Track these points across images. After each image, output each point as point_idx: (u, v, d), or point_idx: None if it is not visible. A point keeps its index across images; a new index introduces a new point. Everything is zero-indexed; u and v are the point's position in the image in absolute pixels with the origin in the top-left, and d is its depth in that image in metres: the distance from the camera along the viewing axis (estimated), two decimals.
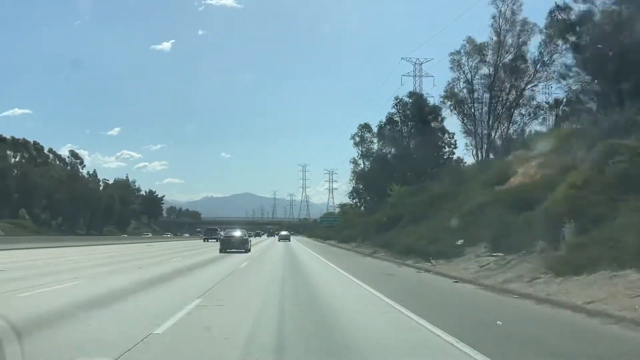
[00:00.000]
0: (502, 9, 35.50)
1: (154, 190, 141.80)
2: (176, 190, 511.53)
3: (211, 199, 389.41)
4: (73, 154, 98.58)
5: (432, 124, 43.45)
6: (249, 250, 29.88)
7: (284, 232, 74.89)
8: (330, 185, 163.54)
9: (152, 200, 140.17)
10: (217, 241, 39.29)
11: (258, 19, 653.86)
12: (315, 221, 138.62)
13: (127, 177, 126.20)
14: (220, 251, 28.17)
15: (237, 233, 31.49)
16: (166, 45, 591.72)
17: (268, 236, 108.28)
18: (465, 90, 38.77)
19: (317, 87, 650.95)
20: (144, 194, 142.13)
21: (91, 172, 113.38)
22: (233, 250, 28.46)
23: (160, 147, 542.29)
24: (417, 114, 43.64)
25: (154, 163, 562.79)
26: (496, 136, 37.82)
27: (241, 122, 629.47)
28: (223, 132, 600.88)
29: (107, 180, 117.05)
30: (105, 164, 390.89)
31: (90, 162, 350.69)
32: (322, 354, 5.43)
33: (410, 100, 44.88)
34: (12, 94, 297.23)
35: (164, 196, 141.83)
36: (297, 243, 56.68)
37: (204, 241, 54.45)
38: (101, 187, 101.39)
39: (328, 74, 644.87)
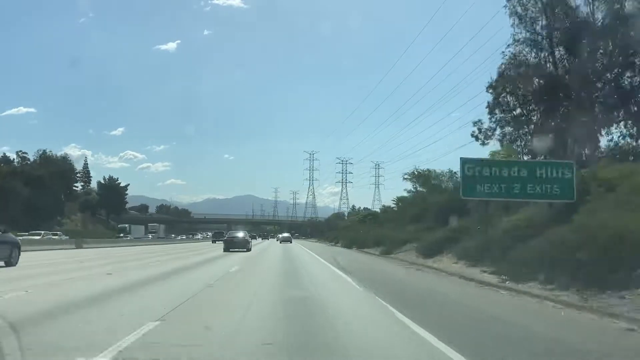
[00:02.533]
0: None
1: (115, 178, 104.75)
2: (178, 191, 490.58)
3: (213, 201, 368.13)
4: None
5: None
6: (250, 250, 33.82)
7: (285, 234, 68.66)
8: (343, 177, 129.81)
9: (112, 190, 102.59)
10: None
11: (264, 20, 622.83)
12: (328, 221, 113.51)
13: (74, 160, 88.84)
14: (224, 250, 32.27)
15: (240, 234, 36.99)
16: (171, 46, 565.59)
17: (263, 239, 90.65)
18: None
19: (324, 88, 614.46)
20: (103, 181, 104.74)
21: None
22: (236, 249, 32.61)
23: (164, 148, 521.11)
24: None
25: (156, 164, 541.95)
26: None
27: (245, 124, 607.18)
28: (226, 134, 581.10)
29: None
30: (108, 164, 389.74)
31: (94, 161, 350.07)
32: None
33: None
34: (17, 92, 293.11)
35: (128, 185, 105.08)
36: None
37: (213, 242, 59.29)
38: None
39: (335, 74, 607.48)
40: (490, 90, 30.82)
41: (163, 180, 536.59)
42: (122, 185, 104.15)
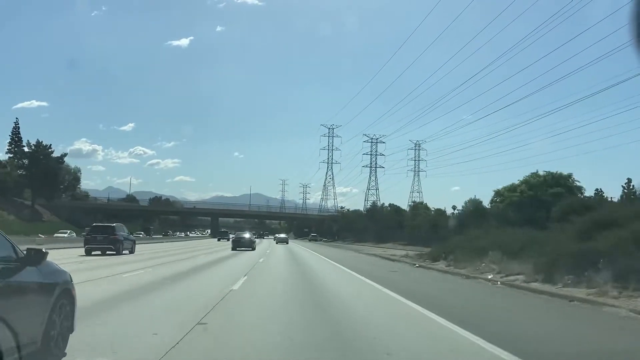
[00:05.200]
0: None
1: (46, 145, 75.20)
2: (187, 188, 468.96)
3: (221, 198, 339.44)
4: None
5: None
6: (255, 249, 37.64)
7: (282, 235, 73.49)
8: (372, 160, 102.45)
9: (39, 163, 73.91)
10: (228, 241, 51.76)
11: (278, 17, 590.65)
12: (371, 212, 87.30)
13: None
14: (232, 249, 35.87)
15: (246, 235, 41.62)
16: (184, 42, 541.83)
17: (258, 237, 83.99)
18: None
19: (337, 88, 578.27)
20: (27, 149, 75.97)
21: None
22: (242, 248, 36.37)
23: (173, 145, 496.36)
24: None
25: (166, 160, 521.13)
26: None
27: (256, 122, 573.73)
28: (237, 132, 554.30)
29: None
30: (118, 160, 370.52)
31: (103, 156, 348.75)
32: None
33: None
34: (30, 86, 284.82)
35: (64, 155, 76.61)
36: None
37: (218, 240, 67.75)
38: None
39: (349, 73, 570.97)
40: None
41: (172, 176, 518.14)
42: (55, 156, 74.56)
